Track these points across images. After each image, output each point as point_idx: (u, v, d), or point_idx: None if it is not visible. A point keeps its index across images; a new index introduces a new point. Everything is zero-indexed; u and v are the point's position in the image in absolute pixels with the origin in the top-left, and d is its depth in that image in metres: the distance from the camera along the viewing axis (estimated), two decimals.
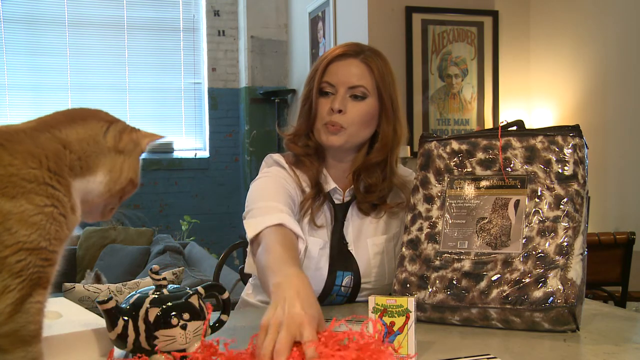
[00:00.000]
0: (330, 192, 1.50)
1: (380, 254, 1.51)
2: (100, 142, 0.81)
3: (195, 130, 6.00)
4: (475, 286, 1.20)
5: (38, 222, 0.72)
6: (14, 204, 0.70)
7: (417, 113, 4.20)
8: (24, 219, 0.70)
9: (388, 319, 1.03)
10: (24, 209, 0.71)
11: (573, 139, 1.25)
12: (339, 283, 1.47)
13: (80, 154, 0.79)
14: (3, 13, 5.48)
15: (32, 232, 0.71)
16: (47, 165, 0.75)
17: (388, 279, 1.51)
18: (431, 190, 1.34)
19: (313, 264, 1.45)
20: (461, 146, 1.34)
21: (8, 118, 5.48)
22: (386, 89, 1.45)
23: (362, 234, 1.51)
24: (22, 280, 0.70)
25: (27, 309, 0.71)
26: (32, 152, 0.74)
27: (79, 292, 2.45)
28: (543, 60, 4.28)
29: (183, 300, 0.96)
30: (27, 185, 0.72)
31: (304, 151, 1.49)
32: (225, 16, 5.95)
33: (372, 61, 1.45)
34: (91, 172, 0.80)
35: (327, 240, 1.48)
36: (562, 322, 1.15)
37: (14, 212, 0.70)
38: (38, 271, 0.72)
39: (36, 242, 0.71)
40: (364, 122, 1.44)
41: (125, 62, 5.79)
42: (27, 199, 0.71)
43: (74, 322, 1.02)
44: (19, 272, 0.70)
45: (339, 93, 1.43)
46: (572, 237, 1.18)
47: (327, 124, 1.43)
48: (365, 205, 1.50)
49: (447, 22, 4.22)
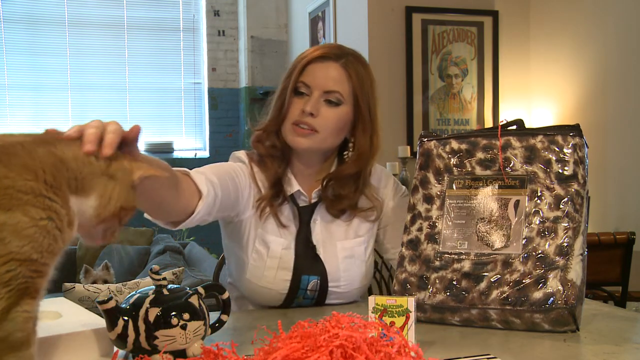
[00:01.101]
0: (294, 194, 1.45)
1: (350, 257, 1.47)
2: (94, 163, 0.80)
3: (195, 130, 6.01)
4: (475, 287, 1.20)
5: (32, 235, 0.71)
6: (9, 215, 0.70)
7: (417, 113, 4.20)
8: (18, 230, 0.71)
9: (388, 319, 1.03)
10: (18, 220, 0.71)
11: (573, 138, 1.24)
12: (304, 287, 1.43)
13: (77, 173, 0.78)
14: (3, 13, 5.48)
15: (25, 244, 0.71)
16: (44, 178, 0.74)
17: (359, 282, 1.48)
18: (431, 190, 1.34)
19: (276, 263, 1.42)
20: (461, 145, 1.33)
21: (8, 118, 5.49)
22: (364, 97, 1.41)
23: (331, 236, 1.47)
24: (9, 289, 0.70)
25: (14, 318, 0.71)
26: (28, 165, 0.74)
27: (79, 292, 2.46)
28: (543, 60, 4.28)
29: (183, 300, 0.96)
30: (23, 197, 0.71)
31: (268, 152, 1.45)
32: (225, 16, 5.96)
33: (352, 67, 1.40)
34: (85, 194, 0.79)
35: (292, 241, 1.44)
36: (562, 323, 1.15)
37: (9, 224, 0.70)
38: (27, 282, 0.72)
39: (28, 254, 0.71)
40: (336, 128, 1.40)
41: (125, 62, 5.80)
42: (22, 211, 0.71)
43: (73, 322, 1.02)
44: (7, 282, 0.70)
45: (314, 96, 1.38)
46: (572, 237, 1.18)
47: (296, 123, 1.38)
48: (335, 209, 1.46)
49: (447, 22, 4.22)
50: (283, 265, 1.42)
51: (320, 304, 1.47)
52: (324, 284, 1.44)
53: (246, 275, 1.44)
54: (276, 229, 1.44)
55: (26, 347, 0.73)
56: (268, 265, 1.42)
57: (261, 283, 1.43)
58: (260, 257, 1.43)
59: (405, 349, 0.81)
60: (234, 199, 1.39)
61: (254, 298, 1.48)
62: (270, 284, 1.42)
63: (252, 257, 1.44)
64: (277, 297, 1.44)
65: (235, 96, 5.97)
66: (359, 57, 1.45)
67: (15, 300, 0.71)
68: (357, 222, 1.49)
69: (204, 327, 0.97)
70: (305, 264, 1.43)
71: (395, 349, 0.80)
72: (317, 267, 1.44)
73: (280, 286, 1.43)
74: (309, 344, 0.79)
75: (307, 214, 1.46)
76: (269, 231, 1.43)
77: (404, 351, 0.81)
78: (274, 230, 1.44)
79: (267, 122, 1.45)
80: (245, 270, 1.45)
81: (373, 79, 1.45)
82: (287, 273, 1.42)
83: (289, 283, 1.42)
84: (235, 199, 1.40)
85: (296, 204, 1.46)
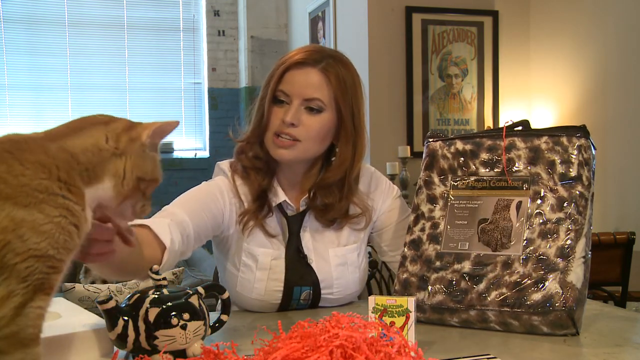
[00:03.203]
0: (282, 204, 1.41)
1: (343, 265, 1.44)
2: (103, 149, 0.82)
3: (195, 130, 6.00)
4: (474, 288, 1.20)
5: (48, 231, 0.73)
6: (27, 212, 0.72)
7: (417, 113, 4.20)
8: (35, 227, 0.72)
9: (388, 319, 1.03)
10: (35, 217, 0.72)
11: (579, 139, 1.23)
12: (296, 297, 1.41)
13: (87, 164, 0.80)
14: (3, 13, 5.48)
15: (42, 240, 0.73)
16: (58, 175, 0.76)
17: (353, 288, 1.46)
18: (434, 191, 1.33)
19: (266, 275, 1.39)
20: (465, 146, 1.33)
21: (8, 118, 5.48)
22: (346, 101, 1.35)
23: (323, 244, 1.44)
24: (26, 285, 0.72)
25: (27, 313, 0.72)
26: (43, 161, 0.76)
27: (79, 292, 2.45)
28: (543, 60, 4.28)
29: (183, 300, 0.96)
30: (38, 196, 0.73)
31: (252, 163, 1.40)
32: (225, 16, 5.95)
33: (332, 70, 1.34)
34: (98, 180, 0.81)
35: (282, 251, 1.41)
36: (561, 325, 1.14)
37: (27, 220, 0.72)
38: (42, 278, 0.73)
39: (45, 250, 0.73)
40: (319, 137, 1.35)
41: (125, 62, 5.79)
42: (38, 209, 0.73)
43: (73, 323, 1.02)
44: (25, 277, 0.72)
45: (293, 105, 1.33)
46: (574, 239, 1.17)
47: (277, 134, 1.34)
48: (325, 219, 1.42)
49: (447, 22, 4.22)
50: (273, 277, 1.39)
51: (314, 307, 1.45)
52: (316, 293, 1.42)
53: (237, 288, 1.42)
54: (264, 240, 1.40)
55: (35, 344, 0.74)
56: (258, 277, 1.39)
57: (252, 295, 1.40)
58: (249, 269, 1.40)
59: (405, 349, 0.81)
60: (212, 225, 1.37)
61: (245, 307, 1.45)
62: (261, 295, 1.40)
63: (241, 270, 1.41)
64: (270, 307, 1.41)
65: (235, 96, 5.97)
66: (339, 58, 1.38)
67: (30, 296, 0.72)
68: (348, 229, 1.46)
69: (204, 327, 0.97)
70: (297, 274, 1.40)
71: (395, 349, 0.80)
72: (309, 277, 1.41)
73: (272, 297, 1.40)
74: (309, 344, 0.79)
75: (296, 224, 1.42)
76: (257, 243, 1.40)
77: (404, 351, 0.81)
78: (261, 242, 1.40)
79: (249, 133, 1.41)
80: (236, 282, 1.42)
81: (356, 79, 1.40)
82: (279, 284, 1.39)
83: (280, 294, 1.39)
84: (215, 225, 1.38)
85: (284, 214, 1.42)
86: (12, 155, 0.74)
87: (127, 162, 0.84)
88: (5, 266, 0.71)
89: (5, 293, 0.71)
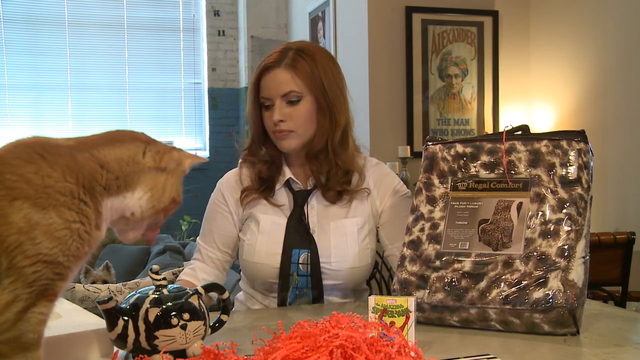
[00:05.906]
0: (289, 180, 1.55)
1: (343, 235, 1.52)
2: (140, 162, 0.84)
3: (195, 130, 6.00)
4: (475, 286, 1.20)
5: (62, 237, 0.73)
6: (43, 215, 0.72)
7: (417, 113, 4.20)
8: (50, 231, 0.72)
9: (388, 319, 1.03)
10: (52, 221, 0.73)
11: (578, 144, 1.25)
12: (295, 260, 1.49)
13: (119, 173, 0.81)
14: (3, 13, 5.48)
15: (55, 246, 0.73)
16: (83, 182, 0.77)
17: (351, 262, 1.51)
18: (434, 192, 1.34)
19: (266, 238, 1.52)
20: (466, 149, 1.34)
21: (8, 118, 5.48)
22: (316, 84, 1.49)
23: (327, 219, 1.54)
24: (31, 290, 0.72)
25: (29, 318, 0.73)
26: (71, 167, 0.77)
27: (79, 292, 2.45)
28: (543, 60, 4.28)
29: (183, 300, 0.96)
30: (60, 198, 0.74)
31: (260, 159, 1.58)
32: (225, 16, 5.95)
33: (297, 63, 1.49)
34: (129, 189, 0.82)
35: (284, 219, 1.53)
36: (562, 324, 1.14)
37: (42, 224, 0.72)
38: (48, 284, 0.73)
39: (55, 256, 0.73)
40: (308, 120, 1.50)
41: (125, 62, 5.79)
42: (57, 212, 0.73)
43: (73, 323, 1.02)
44: (31, 283, 0.72)
45: (276, 105, 1.49)
46: (574, 240, 1.18)
47: (274, 132, 1.50)
48: (330, 193, 1.54)
49: (447, 22, 4.22)
50: (273, 240, 1.51)
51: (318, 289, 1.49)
52: (314, 259, 1.49)
53: (243, 256, 1.55)
54: (269, 208, 1.54)
55: (35, 349, 0.74)
56: (259, 240, 1.52)
57: (254, 259, 1.52)
58: (252, 234, 1.54)
59: (405, 349, 0.81)
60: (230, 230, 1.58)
61: (251, 278, 1.55)
62: (263, 259, 1.51)
63: (247, 237, 1.54)
64: (271, 272, 1.50)
65: (235, 96, 5.97)
66: (302, 48, 1.52)
67: (33, 301, 0.73)
68: (353, 205, 1.56)
69: (204, 327, 0.98)
70: (296, 238, 1.51)
71: (395, 349, 0.80)
72: (307, 241, 1.51)
73: (272, 260, 1.50)
74: (309, 344, 0.79)
75: (302, 197, 1.55)
76: (261, 210, 1.54)
77: (404, 351, 0.81)
78: (266, 209, 1.54)
79: (249, 142, 1.59)
80: (243, 251, 1.55)
81: (323, 60, 1.52)
82: (278, 246, 1.50)
83: (279, 257, 1.49)
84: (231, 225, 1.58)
85: (291, 189, 1.56)
86: (42, 157, 0.75)
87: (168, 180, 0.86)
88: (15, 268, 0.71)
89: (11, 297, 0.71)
